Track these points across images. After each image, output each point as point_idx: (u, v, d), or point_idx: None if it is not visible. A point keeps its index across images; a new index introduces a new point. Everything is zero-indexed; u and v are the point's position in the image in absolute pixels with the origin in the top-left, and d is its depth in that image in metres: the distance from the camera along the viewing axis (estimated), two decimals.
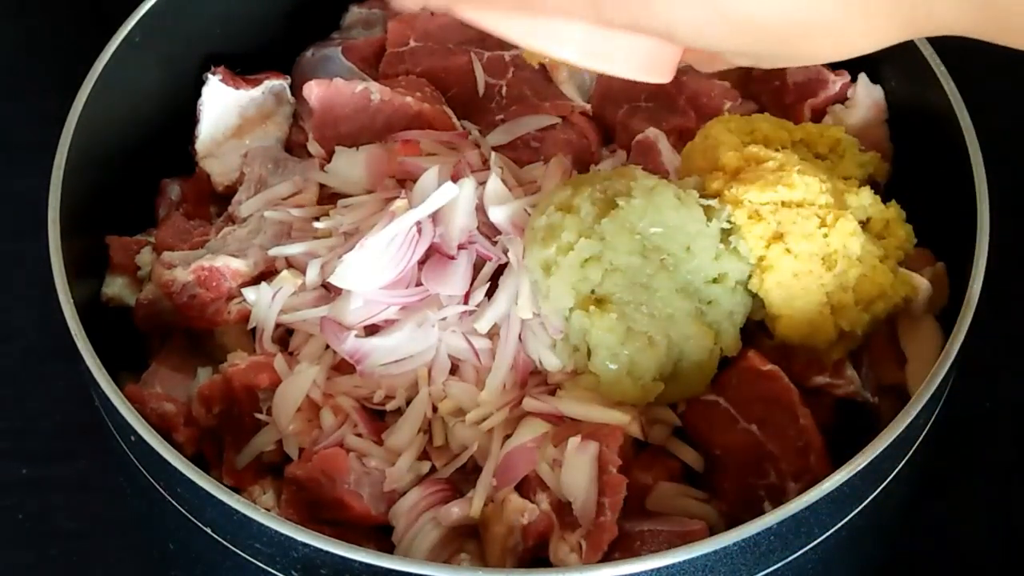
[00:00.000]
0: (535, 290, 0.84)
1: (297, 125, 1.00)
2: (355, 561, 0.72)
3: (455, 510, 0.82)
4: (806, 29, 0.64)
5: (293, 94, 1.00)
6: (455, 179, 0.88)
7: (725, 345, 0.84)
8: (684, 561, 0.72)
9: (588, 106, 0.98)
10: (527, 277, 0.85)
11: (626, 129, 0.96)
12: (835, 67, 0.97)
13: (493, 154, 0.93)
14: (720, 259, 0.84)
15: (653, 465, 0.84)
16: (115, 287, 0.94)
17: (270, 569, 0.77)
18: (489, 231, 0.88)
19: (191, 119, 0.98)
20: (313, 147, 0.96)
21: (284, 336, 0.89)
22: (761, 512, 0.75)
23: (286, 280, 0.88)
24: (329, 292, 0.88)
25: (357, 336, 0.85)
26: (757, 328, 0.86)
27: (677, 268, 0.83)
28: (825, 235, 0.83)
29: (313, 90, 0.95)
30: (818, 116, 0.96)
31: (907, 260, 0.88)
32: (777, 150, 0.89)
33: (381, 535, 0.83)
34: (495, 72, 0.99)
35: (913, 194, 0.91)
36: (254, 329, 0.89)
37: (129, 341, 0.92)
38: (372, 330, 0.86)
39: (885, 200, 0.89)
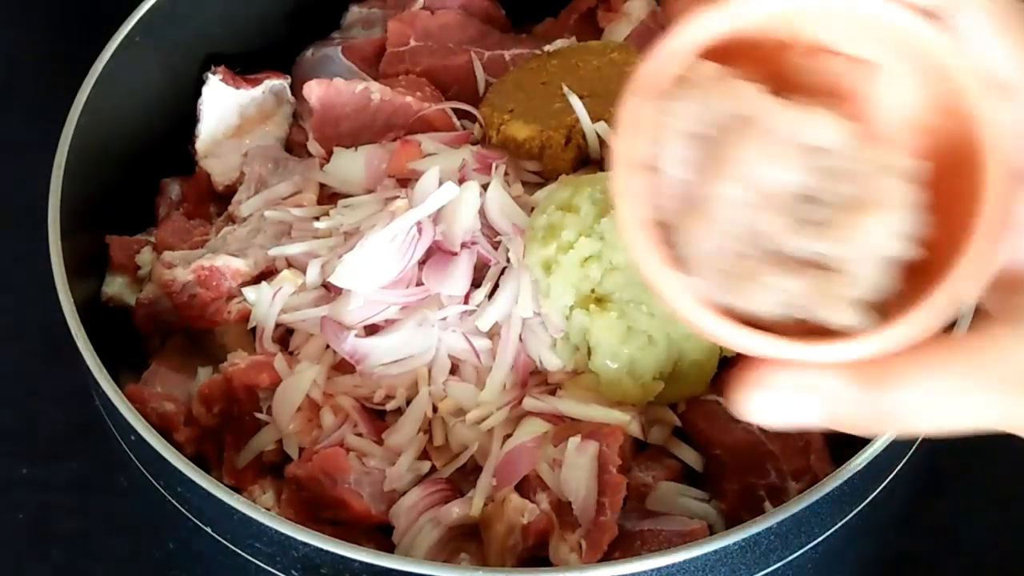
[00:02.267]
0: (535, 289, 0.84)
1: (297, 125, 1.00)
2: (355, 561, 0.72)
3: (455, 510, 0.82)
4: None
5: (293, 94, 1.00)
6: (461, 182, 0.88)
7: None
8: (684, 561, 0.72)
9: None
10: (528, 276, 0.85)
11: None
12: None
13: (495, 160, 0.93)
14: None
15: (653, 465, 0.84)
16: (115, 287, 0.94)
17: (270, 569, 0.77)
18: (491, 232, 0.88)
19: (191, 119, 0.98)
20: (313, 147, 0.96)
21: (284, 336, 0.89)
22: (761, 512, 0.75)
23: (286, 280, 0.88)
24: (329, 292, 0.88)
25: (357, 336, 0.85)
26: None
27: None
28: None
29: (313, 90, 0.95)
30: None
31: None
32: None
33: (381, 535, 0.83)
34: (495, 72, 0.99)
35: None
36: (254, 329, 0.89)
37: (129, 341, 0.92)
38: (372, 330, 0.86)
39: None
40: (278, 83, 1.00)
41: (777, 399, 0.52)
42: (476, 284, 0.87)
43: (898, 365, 0.52)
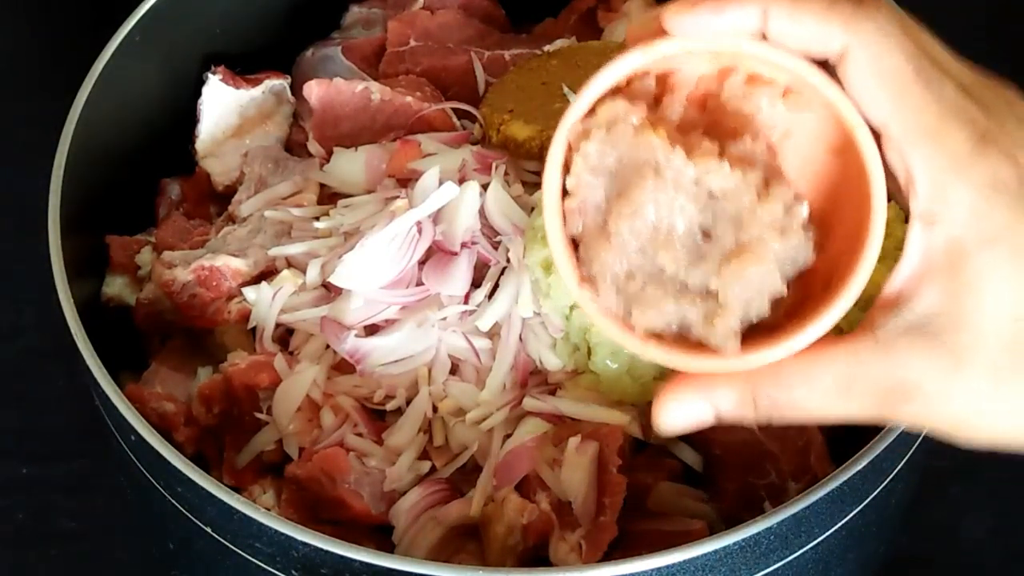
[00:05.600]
0: (536, 289, 0.84)
1: (297, 125, 1.00)
2: (355, 561, 0.72)
3: (455, 510, 0.82)
4: None
5: (293, 94, 1.00)
6: (461, 182, 0.88)
7: None
8: (684, 561, 0.72)
9: None
10: (527, 276, 0.85)
11: None
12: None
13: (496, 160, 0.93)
14: None
15: (653, 465, 0.84)
16: (115, 287, 0.94)
17: (270, 569, 0.77)
18: (491, 232, 0.88)
19: (191, 119, 0.98)
20: (313, 147, 0.96)
21: (284, 336, 0.89)
22: (761, 512, 0.75)
23: (286, 280, 0.88)
24: (329, 292, 0.88)
25: (357, 336, 0.85)
26: None
27: None
28: None
29: (313, 90, 0.95)
30: None
31: None
32: None
33: (381, 535, 0.83)
34: (495, 72, 0.99)
35: None
36: (254, 329, 0.89)
37: (129, 341, 0.92)
38: (372, 330, 0.86)
39: None
40: (278, 83, 1.00)
41: (683, 409, 0.63)
42: (476, 284, 0.87)
43: (785, 372, 0.61)
